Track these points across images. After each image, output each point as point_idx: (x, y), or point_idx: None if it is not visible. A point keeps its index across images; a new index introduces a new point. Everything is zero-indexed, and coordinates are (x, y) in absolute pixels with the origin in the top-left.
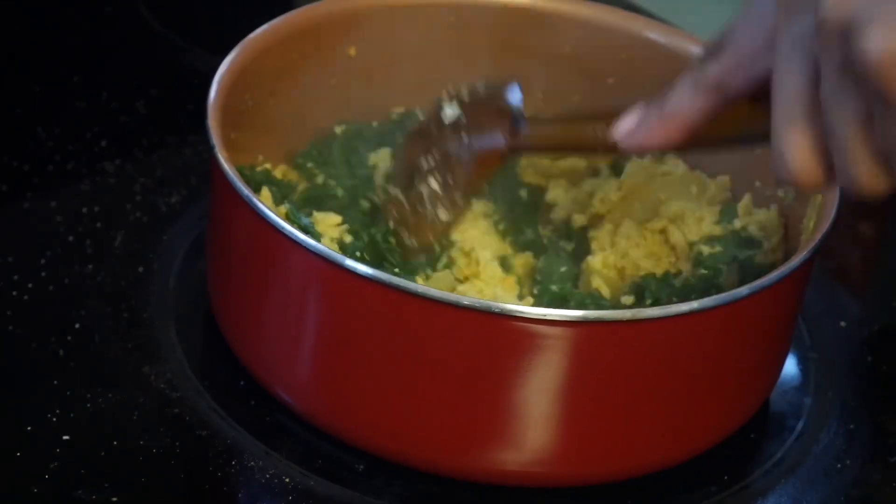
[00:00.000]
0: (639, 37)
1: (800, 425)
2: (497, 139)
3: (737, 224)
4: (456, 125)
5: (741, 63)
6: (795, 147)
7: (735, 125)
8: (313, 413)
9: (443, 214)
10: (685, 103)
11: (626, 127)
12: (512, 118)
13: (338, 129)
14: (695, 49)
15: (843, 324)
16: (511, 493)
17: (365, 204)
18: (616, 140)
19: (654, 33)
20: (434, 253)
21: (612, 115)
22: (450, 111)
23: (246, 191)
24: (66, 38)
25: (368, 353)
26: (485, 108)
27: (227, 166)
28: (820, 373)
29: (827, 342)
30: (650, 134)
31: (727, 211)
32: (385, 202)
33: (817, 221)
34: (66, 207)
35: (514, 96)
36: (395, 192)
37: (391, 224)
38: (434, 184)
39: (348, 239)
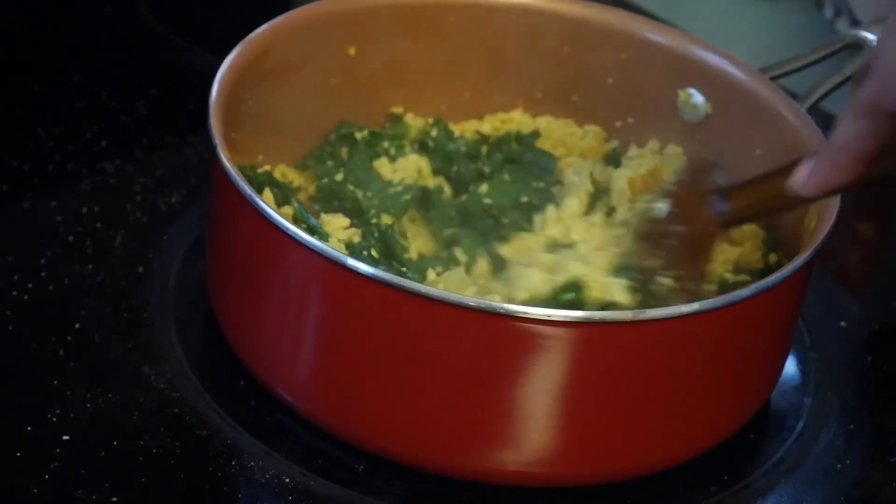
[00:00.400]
0: (639, 37)
1: (800, 425)
2: (708, 221)
3: (772, 258)
4: (670, 218)
5: (890, 82)
6: None
7: None
8: (314, 413)
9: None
10: (850, 134)
11: (803, 175)
12: (715, 197)
13: (346, 131)
14: (695, 49)
15: (843, 324)
16: (511, 493)
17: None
18: (799, 191)
19: (654, 33)
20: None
21: (790, 169)
22: (660, 206)
23: (248, 190)
24: (66, 38)
25: (370, 352)
26: (690, 194)
27: (228, 165)
28: (820, 373)
29: (827, 342)
30: (828, 174)
31: (770, 241)
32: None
33: (818, 223)
34: (67, 207)
35: (718, 175)
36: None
37: None
38: (667, 281)
39: (357, 240)
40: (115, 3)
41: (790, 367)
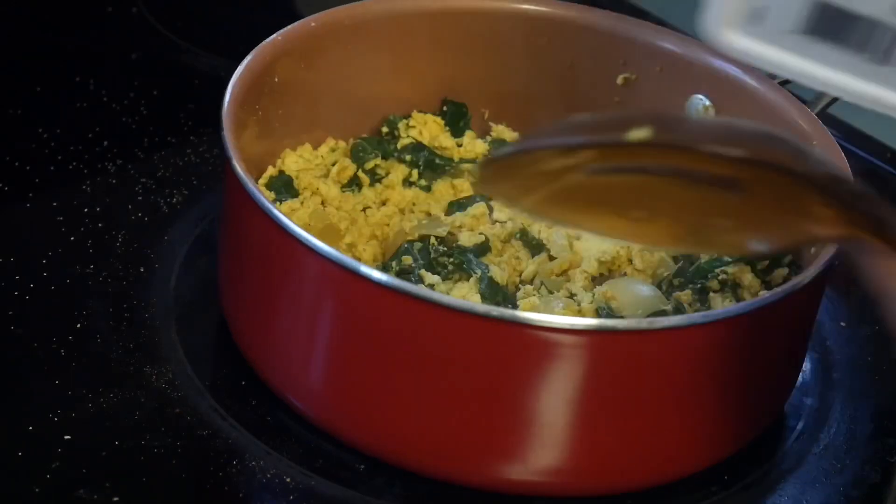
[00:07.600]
0: (640, 41)
1: (800, 425)
2: None
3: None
4: None
5: None
6: None
7: None
8: (325, 420)
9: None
10: None
11: None
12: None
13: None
14: (704, 55)
15: (842, 324)
16: (514, 500)
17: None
18: None
19: (657, 38)
20: None
21: None
22: None
23: (263, 199)
24: (66, 38)
25: (382, 360)
26: None
27: (242, 173)
28: (820, 373)
29: (827, 342)
30: None
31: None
32: None
33: None
34: (68, 207)
35: None
36: None
37: None
38: None
39: None
40: (115, 3)
41: None
